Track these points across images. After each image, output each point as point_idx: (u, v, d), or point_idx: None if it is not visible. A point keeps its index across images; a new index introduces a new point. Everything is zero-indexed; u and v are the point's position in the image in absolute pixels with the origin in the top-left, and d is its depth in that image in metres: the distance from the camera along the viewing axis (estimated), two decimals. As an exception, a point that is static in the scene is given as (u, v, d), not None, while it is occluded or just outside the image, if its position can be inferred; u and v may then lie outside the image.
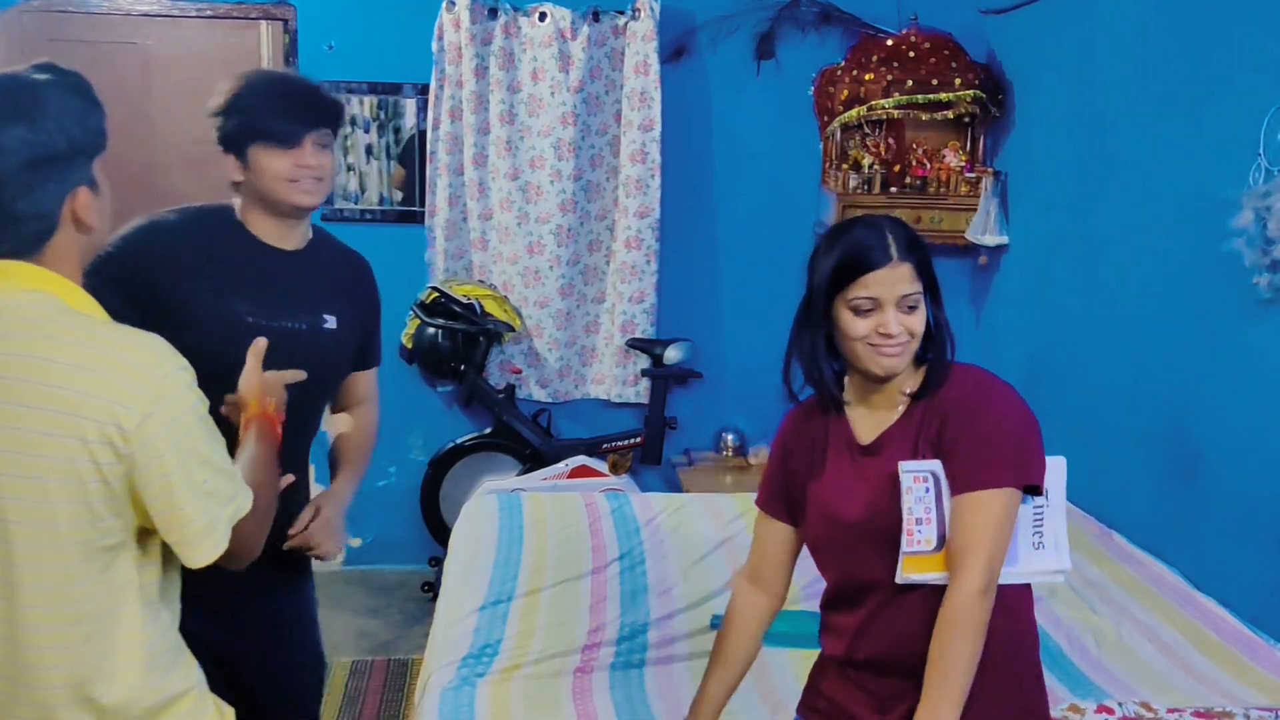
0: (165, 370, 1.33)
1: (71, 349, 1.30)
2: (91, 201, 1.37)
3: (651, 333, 4.32)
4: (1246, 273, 2.60)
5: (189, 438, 1.34)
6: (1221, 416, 2.80)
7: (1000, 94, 4.04)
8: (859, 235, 1.60)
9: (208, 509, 1.35)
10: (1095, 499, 3.26)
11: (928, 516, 1.55)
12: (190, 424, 1.34)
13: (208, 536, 1.36)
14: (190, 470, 1.33)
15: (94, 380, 1.28)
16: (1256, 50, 2.66)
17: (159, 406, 1.30)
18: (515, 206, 4.24)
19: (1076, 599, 2.81)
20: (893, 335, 1.56)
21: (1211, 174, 2.79)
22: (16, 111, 1.30)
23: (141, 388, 1.30)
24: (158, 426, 1.30)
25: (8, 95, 1.32)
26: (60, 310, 1.33)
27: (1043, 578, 1.63)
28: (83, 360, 1.29)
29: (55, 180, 1.33)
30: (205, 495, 1.35)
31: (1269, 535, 2.61)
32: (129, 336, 1.35)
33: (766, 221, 4.37)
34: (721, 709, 1.81)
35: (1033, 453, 1.56)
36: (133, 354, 1.32)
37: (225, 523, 1.38)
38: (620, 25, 4.18)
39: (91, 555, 1.32)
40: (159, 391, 1.31)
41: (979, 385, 1.59)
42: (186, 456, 1.33)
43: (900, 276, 1.56)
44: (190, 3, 4.09)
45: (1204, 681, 2.40)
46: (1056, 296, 3.61)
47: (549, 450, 4.16)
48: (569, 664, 2.45)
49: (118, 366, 1.29)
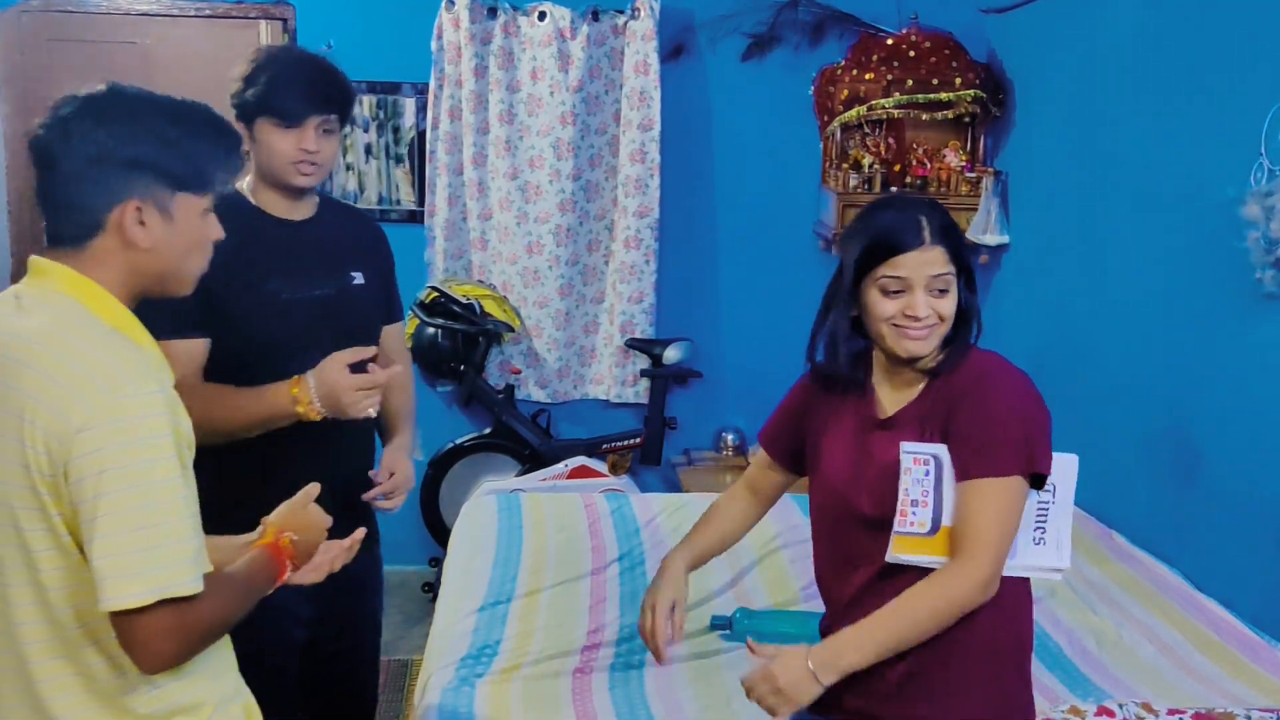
0: (124, 389, 1.27)
1: (52, 355, 1.30)
2: (140, 220, 1.36)
3: (651, 333, 4.31)
4: (1248, 272, 2.59)
5: (133, 465, 1.26)
6: (1223, 416, 2.79)
7: (1001, 93, 4.03)
8: (892, 216, 1.58)
9: (119, 551, 1.24)
10: (1096, 499, 3.26)
11: (924, 499, 1.55)
12: (140, 449, 1.27)
13: (112, 581, 1.24)
14: (120, 500, 1.25)
15: (50, 388, 1.28)
16: (1257, 49, 2.66)
17: (103, 422, 1.25)
18: (514, 206, 4.24)
19: (1077, 599, 2.80)
20: (920, 318, 1.55)
21: (1213, 173, 2.78)
22: (105, 114, 1.36)
23: (89, 401, 1.26)
24: (96, 442, 1.25)
25: (113, 98, 1.38)
26: (74, 318, 1.34)
27: (1039, 574, 1.61)
28: (52, 367, 1.29)
29: (106, 183, 1.35)
30: (129, 530, 1.25)
31: (1270, 535, 2.60)
32: (107, 350, 1.31)
33: (766, 221, 4.37)
34: (697, 562, 1.83)
35: (1040, 443, 1.54)
36: (99, 367, 1.29)
37: (143, 582, 1.24)
38: (620, 25, 4.18)
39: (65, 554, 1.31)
40: (108, 407, 1.26)
41: (989, 372, 1.57)
42: (122, 483, 1.25)
43: (932, 259, 1.55)
44: (189, 2, 4.09)
45: (1205, 682, 2.40)
46: (1057, 296, 3.60)
47: (548, 450, 4.16)
48: (568, 664, 2.45)
49: (76, 377, 1.28)
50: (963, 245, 1.60)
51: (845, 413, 1.68)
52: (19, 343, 1.33)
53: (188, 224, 1.41)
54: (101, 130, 1.34)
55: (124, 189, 1.35)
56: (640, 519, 3.26)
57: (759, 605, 2.76)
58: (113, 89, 1.40)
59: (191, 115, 1.42)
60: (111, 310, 1.37)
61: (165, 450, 1.29)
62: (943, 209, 1.63)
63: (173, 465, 1.29)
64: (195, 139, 1.40)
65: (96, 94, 1.38)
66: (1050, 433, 1.57)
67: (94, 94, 1.38)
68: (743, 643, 2.57)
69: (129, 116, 1.36)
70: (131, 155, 1.35)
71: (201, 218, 1.43)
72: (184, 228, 1.40)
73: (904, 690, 1.59)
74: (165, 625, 1.27)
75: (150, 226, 1.37)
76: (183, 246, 1.41)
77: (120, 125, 1.35)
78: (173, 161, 1.37)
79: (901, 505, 1.55)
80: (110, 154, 1.34)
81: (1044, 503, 1.58)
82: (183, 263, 1.43)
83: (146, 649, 1.28)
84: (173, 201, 1.38)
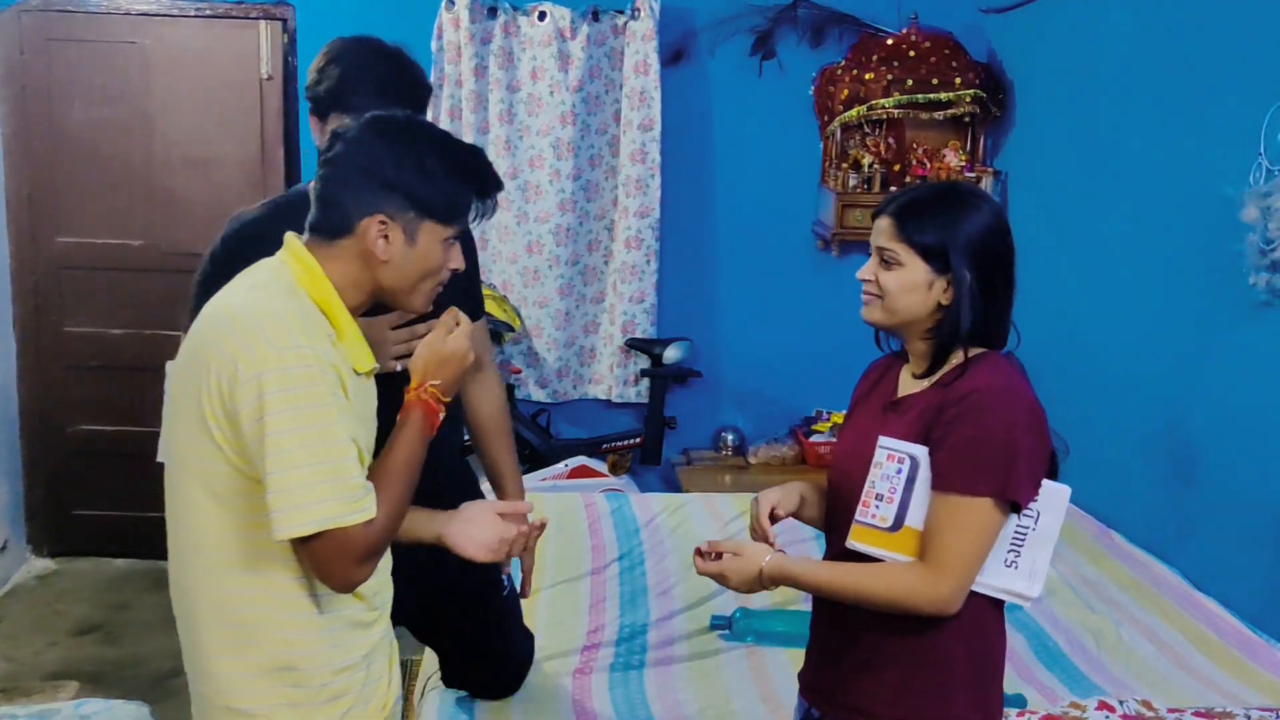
0: (285, 342, 1.38)
1: (239, 308, 1.42)
2: (384, 234, 1.47)
3: (651, 333, 4.31)
4: (1247, 272, 2.59)
5: (291, 410, 1.37)
6: (1221, 416, 2.80)
7: (1000, 93, 4.04)
8: (902, 190, 1.66)
9: (285, 487, 1.37)
10: (1095, 499, 3.26)
11: (891, 495, 1.55)
12: (295, 397, 1.37)
13: (280, 513, 1.37)
14: (281, 441, 1.37)
15: (229, 336, 1.39)
16: (1256, 49, 2.66)
17: (265, 370, 1.36)
18: (515, 206, 4.24)
19: (1075, 599, 2.80)
20: (864, 281, 1.62)
21: (1212, 173, 2.78)
22: (385, 134, 1.50)
23: (256, 351, 1.37)
24: (259, 389, 1.36)
25: (399, 122, 1.52)
26: (280, 283, 1.46)
27: (1004, 596, 1.57)
28: (234, 319, 1.41)
29: (364, 195, 1.47)
30: (291, 468, 1.37)
31: (1269, 535, 2.60)
32: (288, 311, 1.42)
33: (766, 221, 4.37)
34: (810, 494, 1.78)
35: (1020, 473, 1.50)
36: (272, 323, 1.40)
37: (306, 514, 1.37)
38: (620, 24, 4.18)
39: (216, 499, 1.44)
40: (270, 358, 1.37)
41: (991, 390, 1.53)
42: (283, 426, 1.36)
43: (881, 228, 1.60)
44: (189, 2, 4.09)
45: (1204, 681, 2.40)
46: (1056, 296, 3.60)
47: (548, 450, 4.16)
48: (568, 664, 2.45)
49: (249, 330, 1.39)
50: (949, 237, 1.56)
51: (875, 394, 1.72)
52: (228, 296, 1.47)
53: (428, 249, 1.51)
54: (377, 147, 1.48)
55: (378, 203, 1.47)
56: (640, 519, 3.27)
57: (759, 605, 2.76)
58: (407, 116, 1.55)
59: (458, 153, 1.53)
60: (318, 286, 1.48)
61: (321, 398, 1.39)
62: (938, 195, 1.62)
63: (329, 412, 1.40)
64: (453, 175, 1.50)
65: (388, 115, 1.53)
66: (1041, 463, 1.54)
67: (386, 115, 1.54)
68: (743, 643, 2.58)
69: (402, 141, 1.49)
70: (392, 176, 1.47)
71: (443, 246, 1.52)
72: (423, 251, 1.50)
73: (846, 682, 1.63)
74: (337, 550, 1.40)
75: (392, 242, 1.48)
76: (418, 268, 1.51)
77: (392, 147, 1.48)
78: (426, 190, 1.48)
79: (865, 495, 1.56)
80: (374, 170, 1.47)
81: (1022, 528, 1.55)
82: (415, 282, 1.53)
83: (327, 572, 1.42)
84: (419, 226, 1.49)
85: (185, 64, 4.04)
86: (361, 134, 1.50)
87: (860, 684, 1.61)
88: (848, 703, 1.63)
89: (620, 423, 4.42)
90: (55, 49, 4.07)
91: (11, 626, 3.79)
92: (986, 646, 1.61)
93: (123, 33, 4.07)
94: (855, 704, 1.62)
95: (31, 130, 4.11)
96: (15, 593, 4.06)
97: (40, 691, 3.28)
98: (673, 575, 2.92)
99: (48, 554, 4.34)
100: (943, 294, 1.57)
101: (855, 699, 1.62)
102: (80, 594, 4.04)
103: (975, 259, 1.56)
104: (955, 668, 1.58)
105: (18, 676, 3.43)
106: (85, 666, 3.50)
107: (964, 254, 1.56)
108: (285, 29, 4.13)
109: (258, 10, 4.12)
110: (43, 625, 3.80)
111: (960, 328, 1.56)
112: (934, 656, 1.57)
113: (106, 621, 3.82)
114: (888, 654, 1.59)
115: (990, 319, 1.58)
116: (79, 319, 4.22)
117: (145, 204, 4.13)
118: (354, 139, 1.50)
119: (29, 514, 4.32)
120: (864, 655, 1.61)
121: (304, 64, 4.14)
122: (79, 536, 4.33)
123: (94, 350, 4.23)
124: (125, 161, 4.10)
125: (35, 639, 3.69)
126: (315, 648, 1.50)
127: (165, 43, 4.07)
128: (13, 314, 4.20)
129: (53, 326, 4.23)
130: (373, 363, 1.54)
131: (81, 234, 4.18)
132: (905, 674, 1.58)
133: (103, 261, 4.18)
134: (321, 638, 1.50)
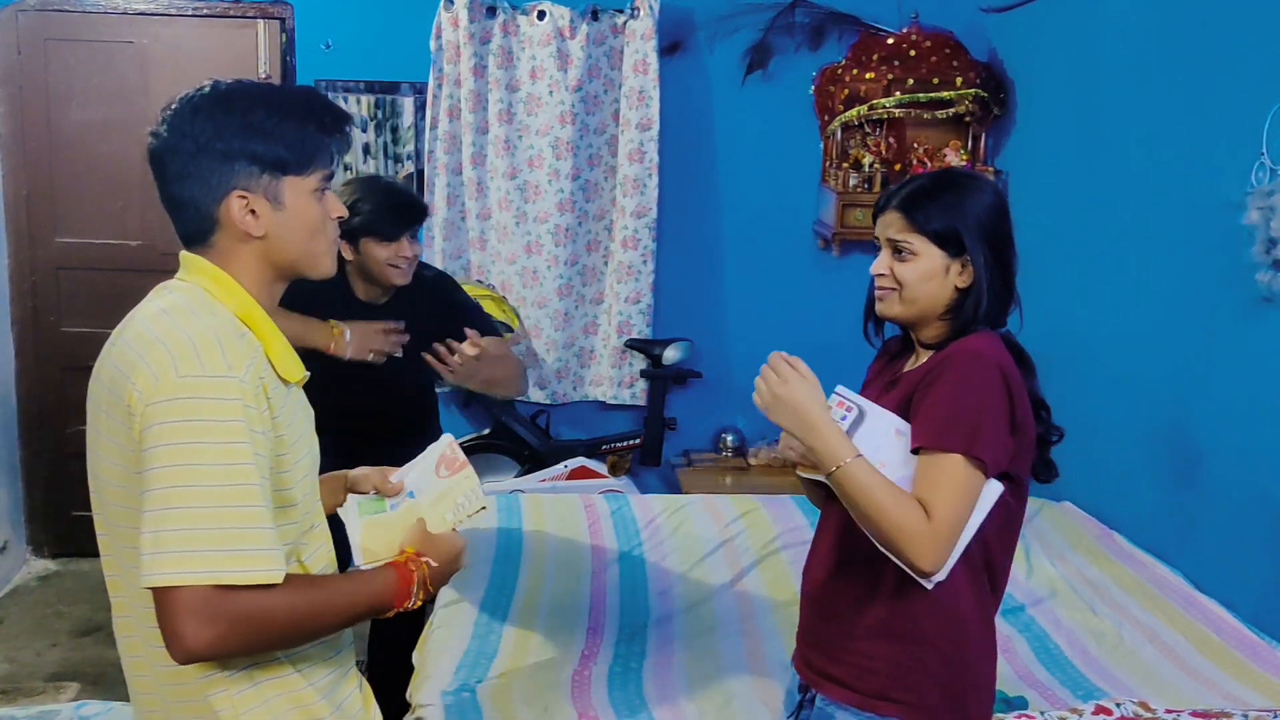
0: (194, 369, 1.24)
1: (149, 333, 1.30)
2: (249, 209, 1.35)
3: (648, 333, 4.31)
4: (1248, 272, 2.59)
5: (183, 444, 1.22)
6: (1223, 416, 2.79)
7: (1001, 93, 4.03)
8: (901, 183, 1.67)
9: (158, 527, 1.20)
10: (1096, 499, 3.25)
11: None
12: (194, 430, 1.22)
13: (148, 557, 1.20)
14: (163, 476, 1.21)
15: (138, 364, 1.27)
16: (1258, 49, 2.65)
17: (165, 398, 1.23)
18: (513, 206, 4.23)
19: (1077, 600, 2.80)
20: (876, 275, 1.64)
21: (1213, 173, 2.78)
22: (199, 110, 1.35)
23: (160, 377, 1.24)
24: (155, 417, 1.23)
25: (207, 94, 1.37)
26: (194, 302, 1.34)
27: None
28: (144, 345, 1.29)
29: (207, 178, 1.34)
30: (167, 508, 1.21)
31: (1270, 536, 2.60)
32: (201, 331, 1.28)
33: (766, 221, 4.36)
34: None
35: (986, 431, 1.51)
36: (180, 346, 1.26)
37: (175, 562, 1.19)
38: (619, 24, 4.17)
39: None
40: (173, 385, 1.23)
41: (966, 353, 1.57)
42: (168, 460, 1.21)
43: (889, 222, 1.63)
44: (187, 1, 4.08)
45: (1205, 683, 2.39)
46: (1057, 295, 3.60)
47: (548, 451, 4.15)
48: (568, 665, 2.44)
49: (158, 355, 1.26)
50: (957, 222, 1.59)
51: (886, 373, 1.75)
52: (136, 324, 1.34)
53: (300, 207, 1.38)
54: (195, 125, 1.33)
55: (225, 181, 1.34)
56: (640, 520, 3.26)
57: (758, 605, 2.75)
58: (212, 86, 1.37)
59: (284, 99, 1.39)
60: (234, 296, 1.36)
61: (224, 434, 1.23)
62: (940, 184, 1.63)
63: (234, 451, 1.23)
64: (289, 121, 1.36)
65: (194, 92, 1.37)
66: (1005, 426, 1.54)
67: (192, 93, 1.37)
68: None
69: (220, 109, 1.34)
70: (224, 146, 1.33)
71: (315, 198, 1.40)
72: (297, 211, 1.38)
73: (833, 659, 1.67)
74: (203, 607, 1.19)
75: (261, 214, 1.36)
76: (302, 230, 1.39)
77: (212, 118, 1.33)
78: (268, 147, 1.34)
79: None
80: (205, 147, 1.33)
81: None
82: (307, 245, 1.40)
83: (173, 631, 1.20)
84: (279, 187, 1.36)
85: (183, 63, 4.04)
86: (175, 122, 1.35)
87: (844, 662, 1.67)
88: (832, 674, 1.68)
89: (620, 424, 4.41)
90: (53, 48, 4.07)
91: (12, 628, 3.79)
92: (966, 648, 1.63)
93: (120, 32, 4.06)
94: (839, 678, 1.67)
95: (29, 130, 4.10)
96: (16, 594, 4.06)
97: (41, 693, 3.28)
98: (673, 576, 2.92)
99: (48, 555, 4.35)
100: (958, 277, 1.61)
101: (839, 674, 1.67)
102: (81, 595, 4.04)
103: (986, 238, 1.61)
104: (931, 644, 1.61)
105: (18, 678, 3.43)
106: (86, 668, 3.50)
107: (976, 235, 1.60)
108: (283, 28, 4.12)
109: (255, 10, 4.12)
110: (43, 626, 3.80)
111: (980, 307, 1.60)
112: (914, 635, 1.61)
113: (107, 622, 3.76)
114: (869, 629, 1.64)
115: (999, 297, 1.63)
116: (77, 319, 4.21)
117: (143, 204, 4.12)
118: (169, 131, 1.35)
119: (29, 515, 4.32)
120: (845, 633, 1.66)
121: (302, 64, 4.13)
122: (79, 537, 4.32)
123: (92, 351, 4.09)
124: (123, 161, 4.09)
125: (36, 640, 3.69)
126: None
127: (163, 42, 4.07)
128: (11, 315, 4.20)
129: (51, 327, 4.23)
130: (303, 372, 1.42)
131: (79, 234, 4.18)
132: (888, 651, 1.62)
133: (101, 262, 4.18)
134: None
